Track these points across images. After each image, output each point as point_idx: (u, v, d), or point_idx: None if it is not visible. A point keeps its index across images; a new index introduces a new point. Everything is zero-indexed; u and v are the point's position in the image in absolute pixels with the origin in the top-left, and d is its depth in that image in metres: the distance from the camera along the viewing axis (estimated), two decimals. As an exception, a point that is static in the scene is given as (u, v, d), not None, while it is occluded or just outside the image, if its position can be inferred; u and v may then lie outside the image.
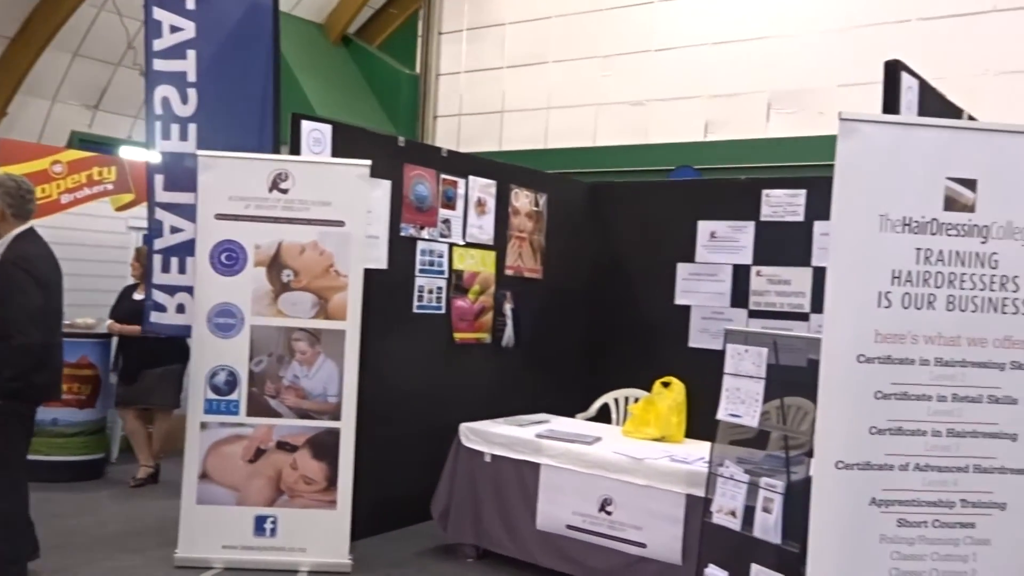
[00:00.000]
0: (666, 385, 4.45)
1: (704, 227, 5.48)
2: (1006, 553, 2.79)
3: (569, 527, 4.02)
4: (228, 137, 4.38)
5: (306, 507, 4.13)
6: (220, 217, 4.11)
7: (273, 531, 4.11)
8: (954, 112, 3.38)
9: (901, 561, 2.75)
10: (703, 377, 3.85)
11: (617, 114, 8.59)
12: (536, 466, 4.14)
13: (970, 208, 2.72)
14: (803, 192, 5.11)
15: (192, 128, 4.53)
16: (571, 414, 5.19)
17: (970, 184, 2.70)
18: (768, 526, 3.14)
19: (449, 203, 4.99)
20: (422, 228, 4.83)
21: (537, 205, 5.59)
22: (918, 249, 2.71)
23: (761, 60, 7.71)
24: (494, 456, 4.28)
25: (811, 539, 2.75)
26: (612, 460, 3.94)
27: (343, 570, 4.09)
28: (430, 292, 4.88)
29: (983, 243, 2.73)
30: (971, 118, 3.36)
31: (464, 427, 4.42)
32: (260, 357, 4.13)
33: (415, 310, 4.84)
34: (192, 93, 4.53)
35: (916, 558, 2.76)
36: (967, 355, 2.76)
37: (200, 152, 4.19)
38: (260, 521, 4.11)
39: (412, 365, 4.82)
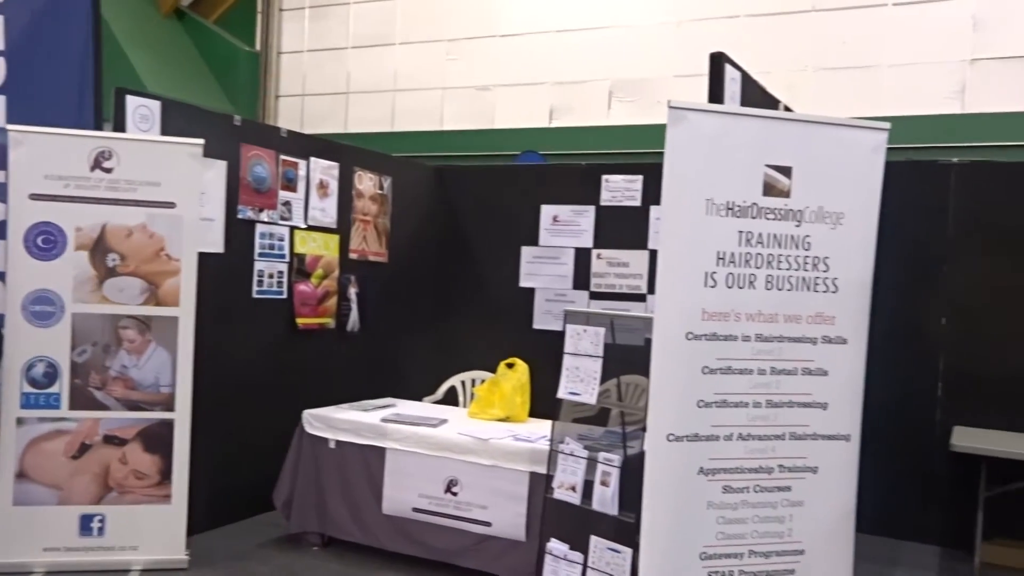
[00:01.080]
0: (511, 366, 4.52)
1: (547, 211, 5.60)
2: (817, 512, 3.02)
3: (415, 510, 4.02)
4: (43, 111, 4.07)
5: (137, 503, 3.93)
6: (35, 197, 3.81)
7: (101, 530, 3.89)
8: (772, 103, 3.59)
9: (726, 525, 2.92)
10: (547, 357, 3.94)
11: (464, 98, 8.60)
12: (381, 451, 4.11)
13: (786, 194, 2.90)
14: (640, 178, 5.31)
15: (1, 100, 4.18)
16: (418, 398, 5.19)
17: (786, 171, 2.89)
18: (606, 499, 3.26)
19: (290, 185, 4.85)
20: (261, 211, 4.67)
21: (382, 188, 5.53)
22: (740, 232, 2.88)
23: (603, 49, 7.92)
24: (339, 442, 4.22)
25: (644, 508, 2.88)
26: (458, 441, 3.97)
27: (179, 566, 3.93)
28: (270, 276, 4.74)
29: (797, 226, 2.93)
30: (787, 109, 3.59)
31: (307, 414, 4.33)
32: (83, 347, 3.88)
33: (255, 295, 4.68)
34: (0, 62, 4.18)
35: (739, 521, 2.94)
36: (784, 331, 2.96)
37: (10, 127, 3.88)
38: (86, 520, 3.88)
39: (252, 352, 4.67)
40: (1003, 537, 4.80)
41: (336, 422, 4.24)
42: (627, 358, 3.47)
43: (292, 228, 4.86)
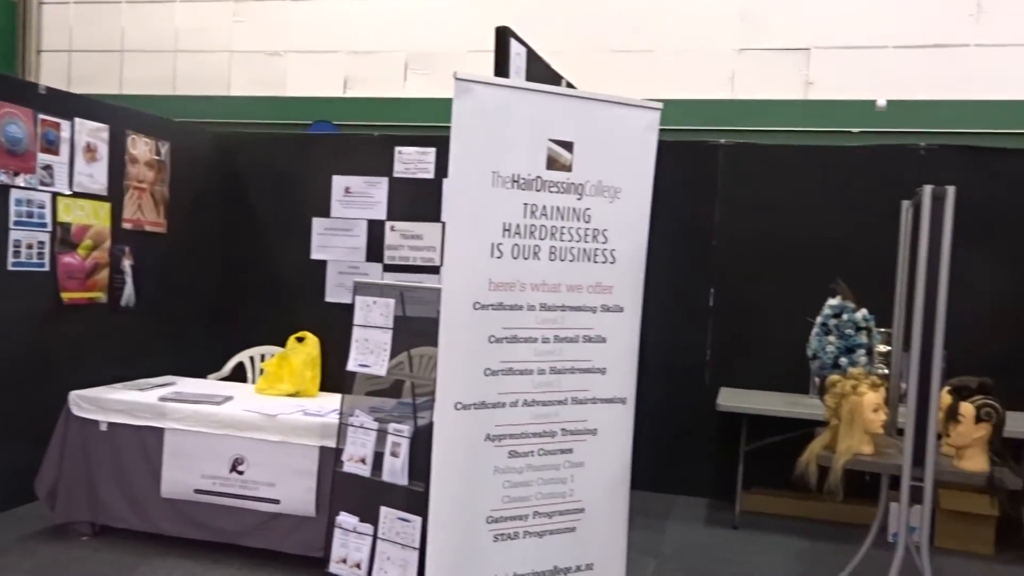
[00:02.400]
0: (301, 340, 4.41)
1: (339, 182, 5.49)
2: (597, 472, 3.18)
3: (198, 491, 3.84)
4: None
5: None
6: None
7: None
8: (556, 80, 3.70)
9: (511, 488, 3.01)
10: (340, 331, 3.88)
11: (253, 64, 8.21)
12: (160, 431, 3.89)
13: (568, 168, 3.01)
14: (433, 150, 5.32)
15: None
16: (204, 375, 4.95)
17: (568, 146, 2.99)
18: (395, 469, 3.27)
19: (51, 147, 4.43)
20: (16, 174, 4.24)
21: (159, 154, 5.18)
22: (525, 204, 2.95)
23: (399, 20, 7.82)
24: (111, 424, 3.95)
25: (433, 477, 2.90)
26: (243, 418, 3.83)
27: (-78, 569, 3.54)
28: (29, 247, 4.32)
29: (579, 200, 3.04)
30: (570, 86, 3.71)
31: (74, 395, 4.01)
32: None
33: (10, 267, 4.25)
34: None
35: (524, 484, 3.04)
36: (566, 300, 3.07)
37: None
38: None
39: (10, 329, 4.26)
40: (760, 486, 5.30)
41: (108, 403, 3.96)
42: (420, 330, 3.48)
43: (55, 194, 4.46)
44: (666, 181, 5.21)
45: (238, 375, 5.15)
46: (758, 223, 5.49)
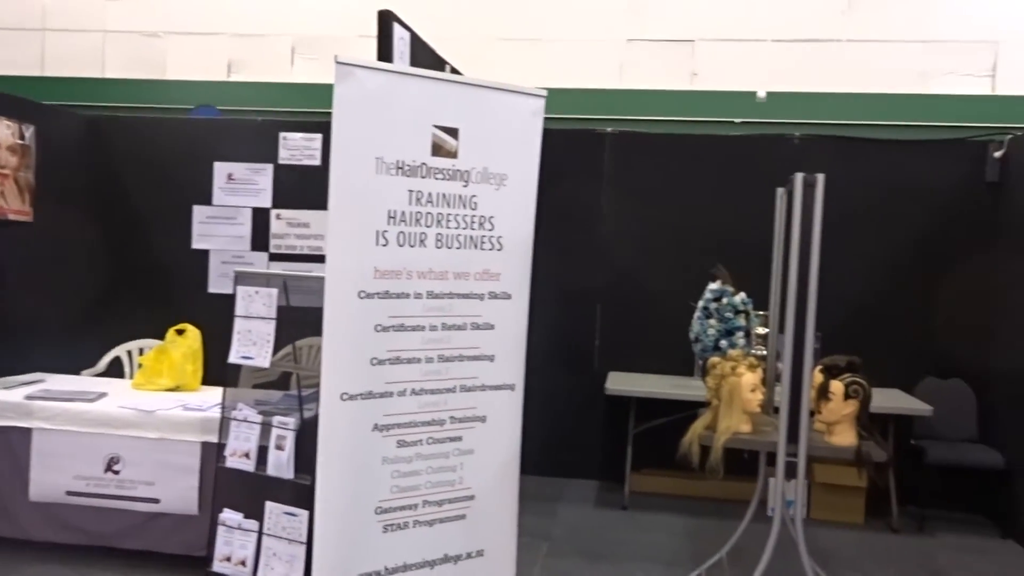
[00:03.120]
0: (181, 333, 4.25)
1: (221, 168, 5.31)
2: (486, 459, 3.18)
3: (69, 493, 3.66)
4: None
5: None
6: None
7: None
8: (440, 65, 3.68)
9: (400, 478, 2.98)
10: (225, 323, 3.75)
11: (129, 45, 7.83)
12: (27, 431, 3.69)
13: (453, 154, 2.98)
14: (319, 136, 5.21)
15: None
16: (77, 371, 4.71)
17: (453, 132, 2.97)
18: (281, 463, 3.20)
19: (-100, 130, 4.12)
20: None
21: (23, 138, 4.88)
22: (410, 191, 2.91)
23: (286, 3, 7.61)
24: (-28, 426, 3.71)
25: (319, 469, 2.84)
26: (119, 416, 3.67)
27: None
28: None
29: (465, 186, 3.03)
30: (455, 71, 3.69)
31: (-70, 396, 3.76)
32: None
33: None
34: None
35: (413, 474, 3.02)
36: (454, 288, 3.06)
37: None
38: None
39: None
40: (649, 467, 5.43)
41: (-32, 403, 3.73)
42: (307, 320, 3.41)
43: (-95, 181, 4.15)
44: (554, 168, 5.27)
45: (115, 371, 4.92)
46: (644, 209, 5.62)
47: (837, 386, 3.39)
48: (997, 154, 5.30)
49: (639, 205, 5.63)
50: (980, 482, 5.14)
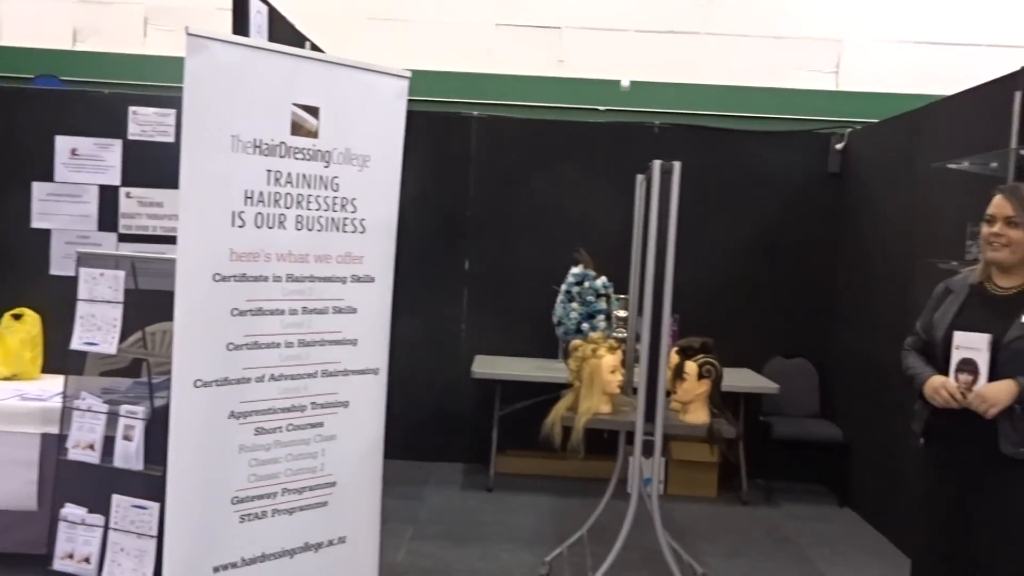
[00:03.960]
0: (18, 318, 3.98)
1: (63, 143, 4.96)
2: (349, 444, 3.14)
3: None
4: None
5: None
6: None
7: None
8: (300, 41, 3.57)
9: (258, 467, 2.90)
10: (69, 307, 3.52)
11: (-42, 6, 7.22)
12: None
13: (314, 134, 2.91)
14: (173, 112, 4.94)
15: None
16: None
17: (313, 111, 2.89)
18: (129, 454, 3.05)
19: None
20: None
21: None
22: (269, 171, 2.82)
23: (136, -32, 7.20)
24: None
25: (171, 459, 2.73)
26: (-54, 408, 3.40)
27: None
28: None
29: (326, 167, 2.96)
30: (316, 48, 3.59)
31: None
32: None
33: None
34: None
35: (272, 462, 2.94)
36: (314, 271, 2.99)
37: None
38: None
39: None
40: (514, 448, 5.51)
41: None
42: (158, 304, 3.24)
43: None
44: (420, 151, 5.22)
45: (-57, 359, 4.55)
46: (510, 194, 5.66)
47: (691, 367, 3.53)
48: (838, 146, 5.65)
49: (505, 189, 5.67)
50: (821, 455, 5.49)
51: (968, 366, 2.57)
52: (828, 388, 5.64)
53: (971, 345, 2.58)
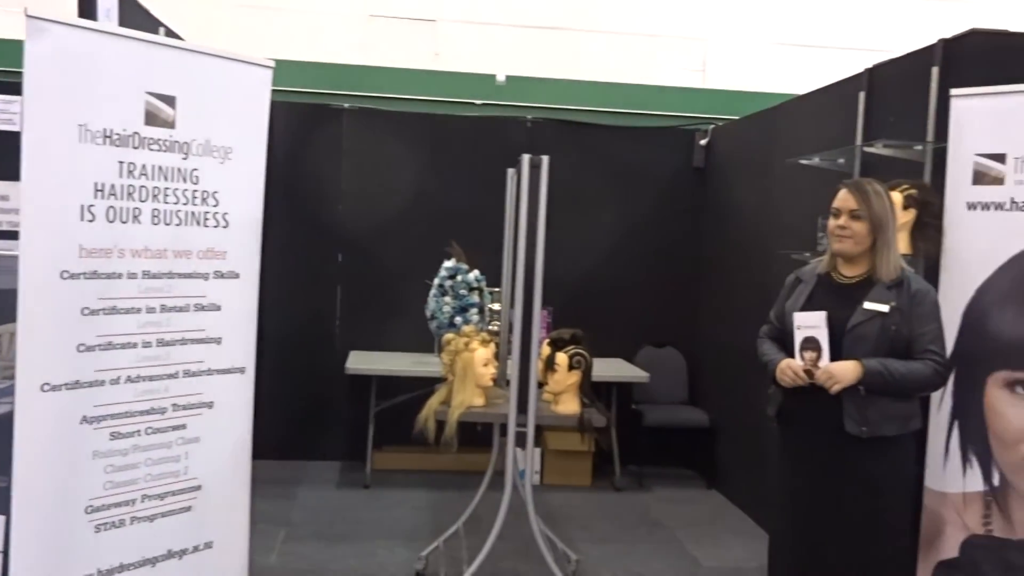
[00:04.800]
0: None
1: None
2: (214, 446, 3.04)
3: None
4: None
5: None
6: None
7: None
8: (154, 27, 3.42)
9: (115, 473, 2.77)
10: None
11: None
12: None
13: (171, 124, 2.79)
14: (19, 99, 4.63)
15: None
16: None
17: (170, 101, 2.77)
18: (-31, 465, 2.84)
19: None
20: None
21: None
22: (121, 163, 2.69)
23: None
24: None
25: (16, 468, 2.57)
26: None
27: None
28: None
29: (184, 159, 2.85)
30: (172, 34, 3.45)
31: None
32: None
33: None
34: None
35: (130, 467, 2.81)
36: (174, 267, 2.87)
37: None
38: None
39: None
40: (391, 444, 5.47)
41: None
42: (6, 304, 3.04)
43: None
44: (289, 143, 5.12)
45: None
46: (383, 187, 5.61)
47: (562, 358, 3.59)
48: (702, 142, 5.86)
49: (378, 183, 5.61)
50: (690, 440, 5.69)
51: (811, 344, 2.73)
52: (696, 376, 5.86)
53: (810, 324, 2.74)
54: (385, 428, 5.25)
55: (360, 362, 5.12)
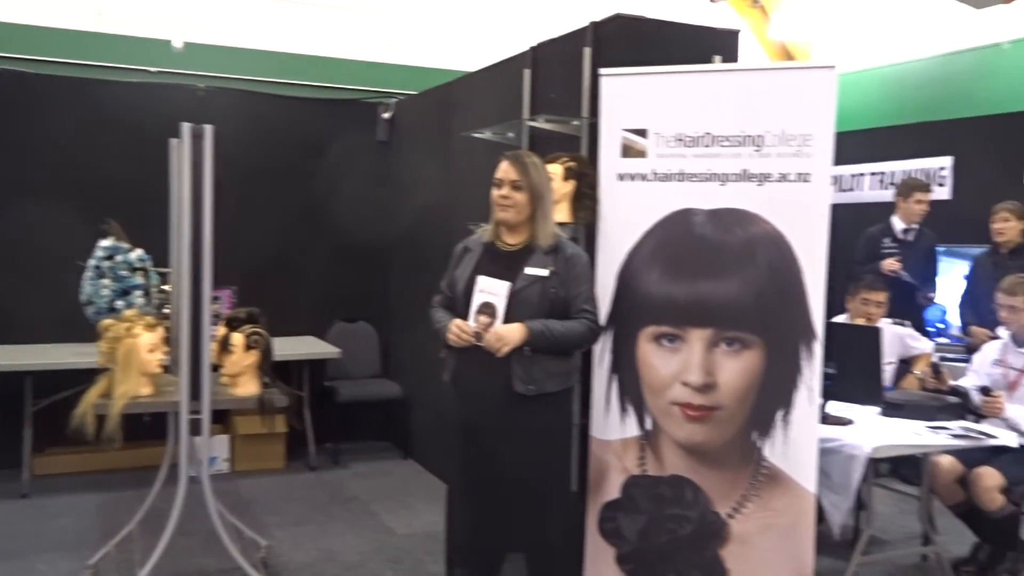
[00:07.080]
0: None
1: None
2: None
3: None
4: None
5: None
6: None
7: None
8: None
9: None
10: None
11: None
12: None
13: None
14: None
15: None
16: None
17: None
18: None
19: None
20: None
21: None
22: None
23: None
24: None
25: None
26: None
27: None
28: None
29: None
30: None
31: None
32: None
33: None
34: None
35: None
36: None
37: None
38: None
39: None
40: (54, 446, 4.92)
41: None
42: None
43: None
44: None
45: None
46: (32, 159, 4.99)
47: (238, 338, 3.42)
48: (385, 115, 5.87)
49: (26, 154, 4.98)
50: (385, 412, 5.73)
51: (488, 309, 2.83)
52: (389, 349, 5.89)
53: (492, 291, 2.84)
54: (46, 429, 4.69)
55: (11, 357, 4.53)
